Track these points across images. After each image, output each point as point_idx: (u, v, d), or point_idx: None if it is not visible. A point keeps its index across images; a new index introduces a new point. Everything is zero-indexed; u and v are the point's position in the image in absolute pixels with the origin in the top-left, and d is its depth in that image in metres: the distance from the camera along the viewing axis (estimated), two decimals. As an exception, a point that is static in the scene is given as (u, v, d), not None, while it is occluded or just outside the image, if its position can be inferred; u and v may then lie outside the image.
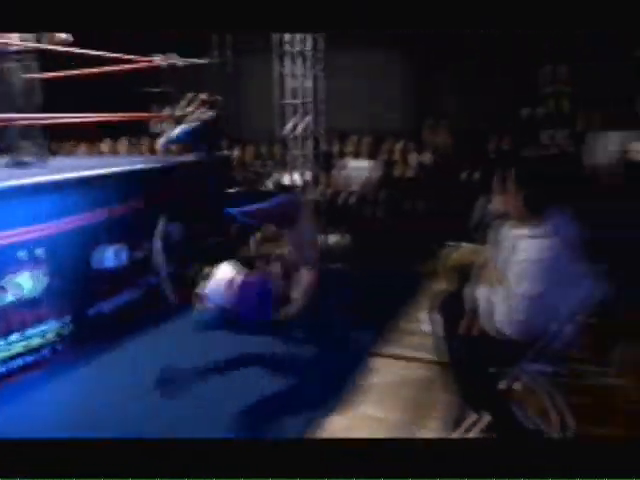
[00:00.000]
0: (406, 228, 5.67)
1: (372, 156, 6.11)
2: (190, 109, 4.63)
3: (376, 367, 3.34)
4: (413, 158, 6.36)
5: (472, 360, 2.37)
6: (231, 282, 3.65)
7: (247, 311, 3.64)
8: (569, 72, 5.30)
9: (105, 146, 7.28)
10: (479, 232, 4.22)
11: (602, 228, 3.39)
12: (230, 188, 4.86)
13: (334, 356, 3.49)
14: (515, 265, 2.43)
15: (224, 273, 3.74)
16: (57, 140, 6.82)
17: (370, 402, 2.97)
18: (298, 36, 5.38)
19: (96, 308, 3.73)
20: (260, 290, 3.71)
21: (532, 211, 2.40)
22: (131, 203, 4.02)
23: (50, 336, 3.39)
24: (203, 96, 4.62)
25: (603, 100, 5.45)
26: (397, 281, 4.84)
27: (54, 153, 5.57)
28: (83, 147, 7.25)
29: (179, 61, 4.42)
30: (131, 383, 3.11)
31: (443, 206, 5.55)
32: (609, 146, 4.61)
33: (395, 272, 5.04)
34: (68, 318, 3.50)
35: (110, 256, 3.77)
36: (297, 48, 5.40)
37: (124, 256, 3.87)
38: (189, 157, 4.84)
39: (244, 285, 3.66)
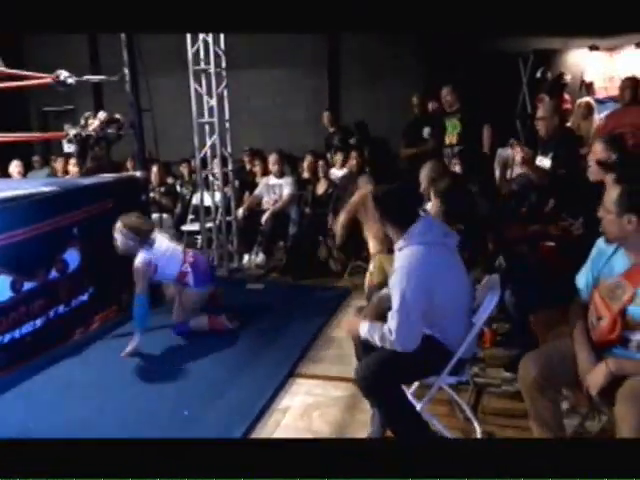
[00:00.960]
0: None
1: (284, 174, 6.08)
2: (91, 127, 4.49)
3: (295, 387, 3.29)
4: (331, 174, 6.43)
5: (381, 375, 2.35)
6: (185, 254, 4.02)
7: (201, 277, 3.98)
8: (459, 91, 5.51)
9: (14, 167, 6.94)
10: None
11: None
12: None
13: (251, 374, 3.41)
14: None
15: (171, 246, 4.03)
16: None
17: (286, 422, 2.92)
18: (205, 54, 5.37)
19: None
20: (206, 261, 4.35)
21: (396, 227, 2.45)
22: (31, 228, 3.81)
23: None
24: (102, 114, 4.49)
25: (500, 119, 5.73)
26: (319, 297, 4.86)
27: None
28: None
29: (69, 78, 4.23)
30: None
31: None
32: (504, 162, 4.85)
33: (316, 288, 5.06)
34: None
35: (6, 287, 3.56)
36: (203, 66, 5.37)
37: (23, 286, 3.67)
38: (94, 179, 4.67)
39: (196, 256, 4.10)
